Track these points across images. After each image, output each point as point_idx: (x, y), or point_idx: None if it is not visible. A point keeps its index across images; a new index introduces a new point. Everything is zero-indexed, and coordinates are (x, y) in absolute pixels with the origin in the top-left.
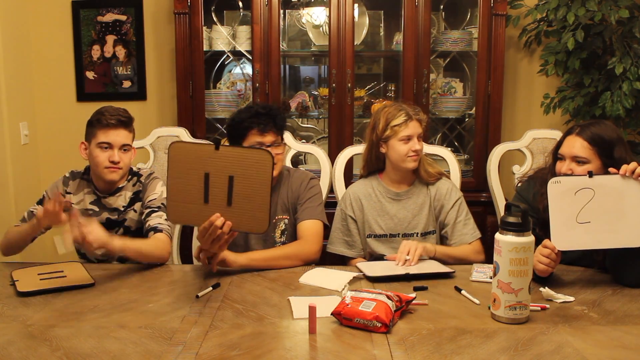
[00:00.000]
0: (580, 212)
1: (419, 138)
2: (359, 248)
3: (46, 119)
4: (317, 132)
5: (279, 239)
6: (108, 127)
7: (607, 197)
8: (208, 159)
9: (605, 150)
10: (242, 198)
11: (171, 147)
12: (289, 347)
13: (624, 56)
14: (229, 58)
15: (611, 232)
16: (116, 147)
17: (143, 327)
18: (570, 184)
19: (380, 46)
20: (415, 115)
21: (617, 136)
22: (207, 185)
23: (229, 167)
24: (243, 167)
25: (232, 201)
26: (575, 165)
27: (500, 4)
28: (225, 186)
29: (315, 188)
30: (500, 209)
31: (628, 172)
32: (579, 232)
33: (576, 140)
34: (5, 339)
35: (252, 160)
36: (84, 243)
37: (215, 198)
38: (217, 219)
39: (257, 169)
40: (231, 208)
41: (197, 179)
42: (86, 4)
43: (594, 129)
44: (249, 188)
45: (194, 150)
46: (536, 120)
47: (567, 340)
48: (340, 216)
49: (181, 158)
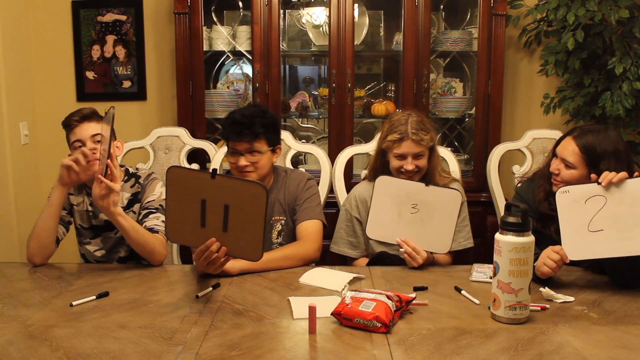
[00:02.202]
0: (592, 221)
1: (416, 157)
2: (362, 249)
3: (46, 119)
4: (317, 132)
5: (275, 239)
6: (74, 126)
7: (620, 203)
8: (204, 186)
9: (593, 160)
10: (237, 226)
11: (169, 171)
12: (289, 347)
13: (624, 56)
14: (229, 58)
15: (626, 239)
16: (87, 140)
17: (143, 327)
18: (579, 193)
19: (380, 46)
20: (414, 135)
21: (613, 149)
22: (204, 210)
23: (224, 196)
24: (238, 199)
25: (227, 228)
26: (563, 167)
27: (500, 4)
28: (221, 213)
29: (313, 188)
30: (500, 209)
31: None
32: (591, 241)
33: (570, 143)
34: (5, 339)
35: (247, 193)
36: (101, 195)
37: (212, 223)
38: (212, 244)
39: (251, 202)
40: (227, 234)
41: (195, 203)
42: (86, 4)
43: (590, 138)
44: (244, 218)
45: (190, 176)
46: (536, 120)
47: (567, 340)
48: (346, 217)
49: (178, 182)
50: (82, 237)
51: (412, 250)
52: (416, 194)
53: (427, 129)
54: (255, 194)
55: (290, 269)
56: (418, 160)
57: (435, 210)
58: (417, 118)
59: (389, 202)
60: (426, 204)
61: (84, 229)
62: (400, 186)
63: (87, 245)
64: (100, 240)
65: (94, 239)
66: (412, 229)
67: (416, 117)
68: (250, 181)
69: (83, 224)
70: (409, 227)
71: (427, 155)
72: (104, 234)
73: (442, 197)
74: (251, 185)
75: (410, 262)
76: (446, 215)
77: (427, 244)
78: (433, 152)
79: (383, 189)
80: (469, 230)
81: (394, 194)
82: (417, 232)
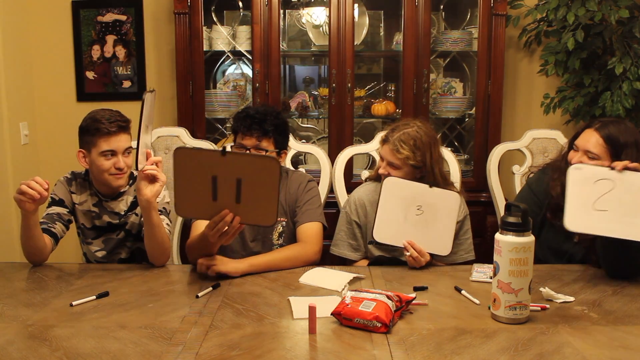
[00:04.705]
0: (598, 200)
1: (390, 165)
2: (363, 252)
3: (46, 119)
4: (317, 132)
5: (276, 241)
6: (109, 134)
7: (626, 191)
8: (214, 164)
9: (616, 151)
10: (250, 197)
11: (176, 152)
12: (289, 347)
13: (624, 56)
14: (229, 58)
15: (627, 224)
16: (120, 153)
17: (143, 327)
18: (592, 172)
19: (380, 46)
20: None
21: (634, 140)
22: (215, 185)
23: (236, 171)
24: (250, 172)
25: (240, 199)
26: (587, 159)
27: (500, 4)
28: (234, 187)
29: (314, 190)
30: (500, 209)
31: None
32: (594, 217)
33: (593, 135)
34: (5, 339)
35: (260, 166)
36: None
37: (224, 196)
38: (227, 215)
39: (264, 174)
40: (239, 205)
41: (205, 180)
42: (86, 4)
43: (612, 129)
44: (257, 189)
45: (199, 156)
46: (536, 120)
47: (567, 340)
48: (346, 219)
49: (187, 162)
50: (84, 237)
51: (417, 254)
52: (421, 195)
53: (416, 147)
54: (268, 167)
55: (290, 269)
56: (392, 170)
57: (437, 212)
58: (412, 133)
59: (396, 204)
60: (430, 205)
61: (86, 228)
62: (407, 187)
63: (89, 245)
64: (102, 241)
65: (96, 240)
66: (417, 230)
67: (413, 131)
68: (261, 155)
69: (85, 223)
70: (414, 229)
71: (405, 170)
72: (106, 235)
73: (444, 199)
74: (263, 159)
75: (414, 264)
76: (447, 217)
77: (430, 246)
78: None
79: (391, 189)
80: (470, 243)
81: (401, 195)
82: (421, 234)
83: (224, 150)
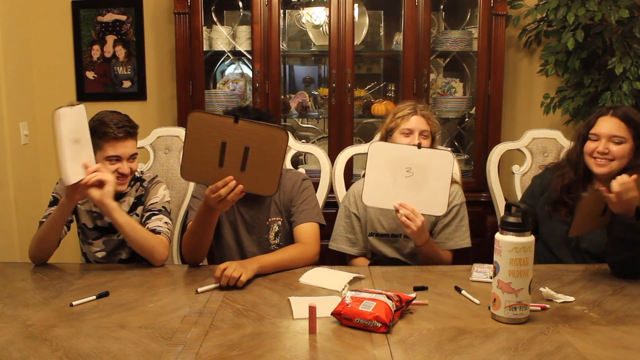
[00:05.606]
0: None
1: (422, 135)
2: (361, 246)
3: (46, 119)
4: (317, 132)
5: (273, 241)
6: (116, 140)
7: (424, 169)
8: (226, 130)
9: (637, 131)
10: (255, 165)
11: (191, 116)
12: (289, 347)
13: (624, 56)
14: (229, 58)
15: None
16: (125, 159)
17: (143, 327)
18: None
19: (380, 46)
20: (422, 110)
21: None
22: (224, 152)
23: (246, 139)
24: (259, 141)
25: (245, 167)
26: (612, 144)
27: (500, 4)
28: (241, 154)
29: (309, 189)
30: (500, 208)
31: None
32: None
33: (611, 120)
34: (5, 339)
35: (269, 135)
36: (90, 189)
37: (230, 163)
38: (231, 181)
39: (272, 144)
40: (244, 173)
41: (214, 145)
42: (86, 4)
43: (626, 110)
44: (263, 158)
45: (212, 121)
46: (536, 120)
47: (567, 340)
48: (344, 213)
49: (200, 126)
50: (85, 237)
51: (410, 212)
52: (409, 157)
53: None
54: (277, 137)
55: (291, 269)
56: (424, 140)
57: (429, 172)
58: (422, 104)
59: (383, 168)
60: (420, 167)
61: (88, 229)
62: (394, 150)
63: (89, 245)
64: (103, 242)
65: (96, 240)
66: (408, 192)
67: (422, 105)
68: (272, 125)
69: (87, 223)
70: (405, 191)
71: (429, 141)
72: (107, 235)
73: (435, 159)
74: (274, 129)
75: (409, 225)
76: (440, 176)
77: (424, 207)
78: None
79: (377, 154)
80: (466, 230)
81: (388, 159)
82: (413, 196)
83: (237, 117)
